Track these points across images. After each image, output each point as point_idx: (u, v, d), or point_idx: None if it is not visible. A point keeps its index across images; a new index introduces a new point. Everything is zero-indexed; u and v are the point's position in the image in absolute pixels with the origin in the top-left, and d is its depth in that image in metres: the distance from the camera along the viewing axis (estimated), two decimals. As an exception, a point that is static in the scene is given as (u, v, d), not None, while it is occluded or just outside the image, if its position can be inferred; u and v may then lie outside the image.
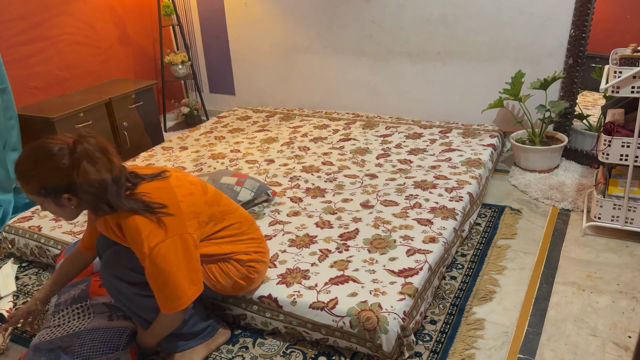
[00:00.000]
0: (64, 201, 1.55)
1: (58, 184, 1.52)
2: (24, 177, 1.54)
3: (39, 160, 1.52)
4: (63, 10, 3.51)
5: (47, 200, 1.55)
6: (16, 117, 3.05)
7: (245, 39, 4.08)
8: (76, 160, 1.50)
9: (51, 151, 1.52)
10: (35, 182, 1.53)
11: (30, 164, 1.53)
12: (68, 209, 1.58)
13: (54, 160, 1.51)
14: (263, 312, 1.89)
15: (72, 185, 1.51)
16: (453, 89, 3.48)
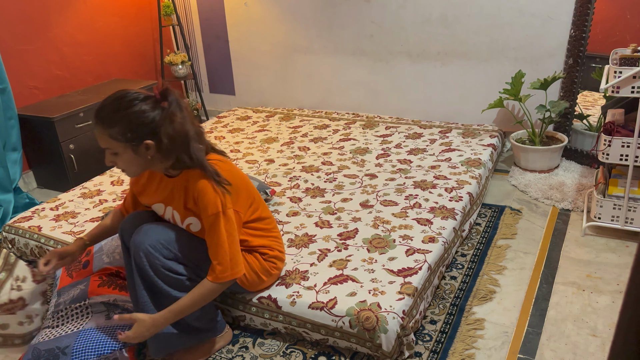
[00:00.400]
0: (142, 149, 1.58)
1: (144, 128, 1.55)
2: (109, 119, 1.55)
3: (129, 103, 1.56)
4: (63, 10, 3.51)
5: (125, 147, 1.57)
6: (16, 117, 3.05)
7: (245, 39, 4.08)
8: (166, 108, 1.57)
9: (139, 97, 1.57)
10: (123, 124, 1.54)
11: (119, 106, 1.56)
12: (141, 160, 1.61)
13: (143, 105, 1.56)
14: (262, 312, 1.89)
15: (155, 133, 1.56)
16: (453, 89, 3.48)
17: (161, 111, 1.57)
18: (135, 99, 1.56)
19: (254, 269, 1.81)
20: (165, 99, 1.58)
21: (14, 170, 3.07)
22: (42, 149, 3.28)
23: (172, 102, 1.58)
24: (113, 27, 3.89)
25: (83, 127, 3.30)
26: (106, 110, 1.57)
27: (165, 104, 1.58)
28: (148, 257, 1.66)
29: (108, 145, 1.59)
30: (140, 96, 1.58)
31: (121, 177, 2.97)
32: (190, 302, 1.66)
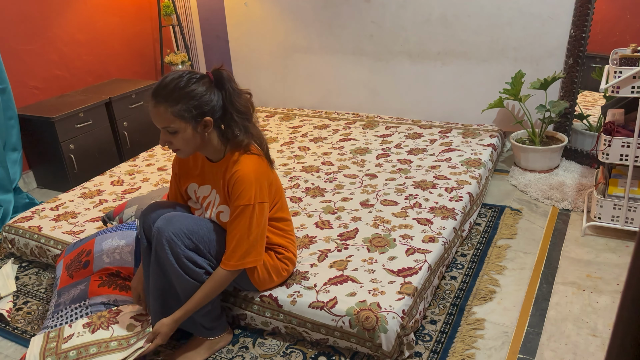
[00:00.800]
0: (201, 126, 1.63)
1: (206, 105, 1.61)
2: (174, 95, 1.59)
3: (192, 81, 1.61)
4: (63, 10, 3.51)
5: (186, 125, 1.61)
6: (16, 117, 3.05)
7: (245, 39, 4.08)
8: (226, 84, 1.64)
9: (197, 76, 1.63)
10: (188, 100, 1.59)
11: (183, 84, 1.60)
12: (198, 138, 1.65)
13: (202, 84, 1.62)
14: (263, 311, 1.89)
15: (214, 110, 1.64)
16: (453, 89, 3.48)
17: (217, 90, 1.64)
18: (192, 78, 1.62)
19: (267, 267, 1.83)
20: (219, 79, 1.65)
21: (14, 170, 3.07)
22: (42, 149, 3.28)
23: (228, 79, 1.65)
24: (113, 27, 3.89)
25: (83, 127, 3.30)
26: (168, 89, 1.59)
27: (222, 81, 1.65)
28: (170, 245, 1.66)
29: (169, 124, 1.61)
30: (196, 75, 1.63)
31: (121, 177, 2.97)
32: (204, 294, 1.70)
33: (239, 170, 1.66)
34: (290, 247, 1.91)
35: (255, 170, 1.68)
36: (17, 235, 2.50)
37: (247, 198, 1.65)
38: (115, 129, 3.54)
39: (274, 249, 1.85)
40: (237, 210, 1.66)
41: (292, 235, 1.93)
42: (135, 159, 3.24)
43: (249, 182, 1.65)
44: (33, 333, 2.05)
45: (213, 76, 1.65)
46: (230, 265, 1.68)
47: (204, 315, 1.79)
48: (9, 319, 2.14)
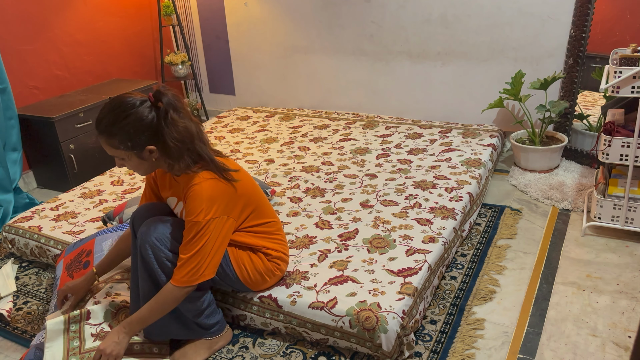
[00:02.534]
0: (145, 154, 1.62)
1: (143, 135, 1.58)
2: (108, 131, 1.59)
3: (124, 113, 1.58)
4: (63, 10, 3.51)
5: (129, 154, 1.61)
6: (16, 117, 3.05)
7: (245, 39, 4.08)
8: (162, 111, 1.58)
9: (135, 104, 1.59)
10: (121, 135, 1.58)
11: (115, 118, 1.58)
12: (147, 163, 1.65)
13: (139, 112, 1.58)
14: (263, 312, 1.89)
15: (156, 137, 1.59)
16: (453, 89, 3.48)
17: (157, 114, 1.59)
18: (131, 107, 1.58)
19: (258, 270, 1.82)
20: (159, 101, 1.59)
21: (14, 170, 3.07)
22: (42, 149, 3.28)
23: (167, 103, 1.59)
24: (113, 27, 3.89)
25: (83, 127, 3.30)
26: (104, 123, 1.59)
27: (160, 105, 1.59)
28: (154, 250, 1.67)
29: (113, 154, 1.64)
30: (136, 102, 1.59)
31: (121, 177, 2.97)
32: (150, 308, 1.66)
33: (192, 187, 1.63)
34: (278, 247, 1.89)
35: (209, 187, 1.63)
36: (17, 235, 2.50)
37: (196, 214, 1.61)
38: (115, 129, 3.54)
39: (261, 251, 1.84)
40: (188, 225, 1.63)
41: (278, 235, 1.90)
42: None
43: (200, 199, 1.61)
44: (33, 333, 2.05)
45: (154, 99, 1.60)
46: (178, 280, 1.63)
47: (202, 317, 1.79)
48: (9, 319, 2.15)
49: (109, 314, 1.84)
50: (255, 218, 1.80)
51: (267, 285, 1.89)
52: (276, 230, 1.90)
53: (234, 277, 1.80)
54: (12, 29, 3.22)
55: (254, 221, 1.81)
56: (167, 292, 1.65)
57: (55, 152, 3.20)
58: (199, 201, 1.61)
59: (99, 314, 1.82)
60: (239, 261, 1.79)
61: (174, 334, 1.81)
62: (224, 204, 1.66)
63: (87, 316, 1.80)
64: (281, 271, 1.91)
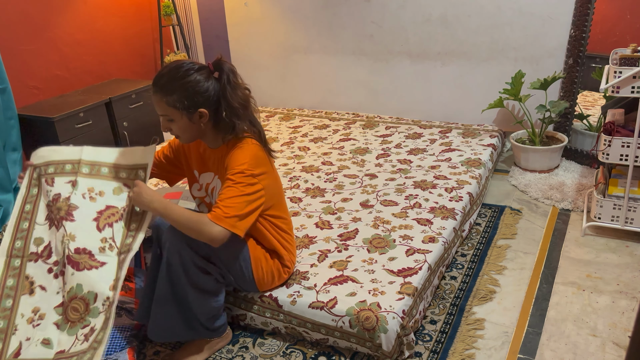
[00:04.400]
0: (196, 117, 1.65)
1: (200, 97, 1.62)
2: (168, 86, 1.61)
3: (187, 73, 1.62)
4: (63, 10, 3.51)
5: (181, 114, 1.63)
6: (16, 117, 3.05)
7: (245, 39, 4.08)
8: (225, 75, 1.64)
9: (195, 67, 1.64)
10: (180, 92, 1.61)
11: (177, 75, 1.62)
12: (195, 127, 1.67)
13: (199, 75, 1.63)
14: (263, 312, 1.89)
15: (210, 102, 1.64)
16: (453, 89, 3.48)
17: (215, 81, 1.65)
18: (191, 69, 1.63)
19: (272, 270, 1.84)
20: (218, 70, 1.65)
21: (14, 170, 3.06)
22: (42, 149, 3.27)
23: (226, 71, 1.65)
24: (113, 27, 3.89)
25: (83, 127, 3.30)
26: (164, 79, 1.63)
27: (217, 74, 1.65)
28: (181, 255, 1.65)
29: (165, 112, 1.65)
30: (195, 66, 1.64)
31: (121, 177, 2.97)
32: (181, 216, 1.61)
33: (240, 145, 1.68)
34: (291, 249, 1.91)
35: (258, 149, 1.69)
36: (17, 235, 2.49)
37: (241, 164, 1.63)
38: (115, 129, 3.54)
39: (277, 251, 1.85)
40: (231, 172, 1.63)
41: (291, 236, 1.93)
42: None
43: (246, 154, 1.65)
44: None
45: (213, 67, 1.66)
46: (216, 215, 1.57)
47: (208, 318, 1.79)
48: None
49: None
50: (277, 209, 1.82)
51: (274, 285, 1.90)
52: (290, 230, 1.92)
53: (250, 277, 1.80)
54: (12, 29, 3.22)
55: (276, 212, 1.82)
56: (203, 219, 1.58)
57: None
58: (245, 155, 1.64)
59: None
60: (257, 261, 1.79)
61: (180, 336, 1.80)
62: (263, 171, 1.68)
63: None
64: (289, 273, 1.92)
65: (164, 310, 1.74)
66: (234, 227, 1.59)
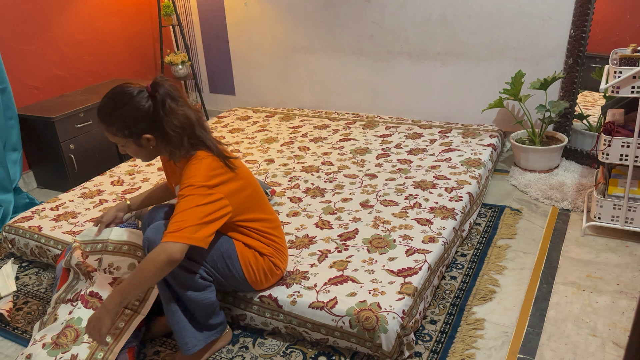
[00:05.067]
0: (143, 142, 1.66)
1: (140, 124, 1.63)
2: (108, 119, 1.64)
3: (122, 102, 1.63)
4: (63, 10, 3.51)
5: (128, 141, 1.67)
6: (16, 117, 3.05)
7: (245, 39, 4.08)
8: (160, 100, 1.62)
9: (132, 93, 1.63)
10: (119, 123, 1.63)
11: (113, 106, 1.63)
12: (147, 150, 1.69)
13: (136, 102, 1.62)
14: (263, 312, 1.89)
15: (154, 126, 1.63)
16: (453, 89, 3.48)
17: (154, 104, 1.63)
18: (129, 96, 1.62)
19: (263, 269, 1.83)
20: (156, 91, 1.63)
21: (14, 170, 3.07)
22: (42, 149, 3.28)
23: (164, 93, 1.62)
24: (113, 27, 3.89)
25: (83, 127, 3.30)
26: (104, 111, 1.66)
27: (157, 95, 1.62)
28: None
29: (114, 140, 1.69)
30: (134, 91, 1.63)
31: (121, 177, 2.97)
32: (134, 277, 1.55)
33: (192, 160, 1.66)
34: (280, 247, 1.89)
35: (209, 162, 1.65)
36: (17, 235, 2.50)
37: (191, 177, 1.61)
38: (115, 129, 3.54)
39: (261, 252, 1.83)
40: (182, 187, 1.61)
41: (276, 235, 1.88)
42: (135, 159, 3.24)
43: (197, 168, 1.63)
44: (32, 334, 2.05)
45: (151, 89, 1.63)
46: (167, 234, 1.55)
47: (212, 318, 1.79)
48: (9, 319, 2.15)
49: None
50: (254, 209, 1.79)
51: (269, 284, 1.90)
52: (274, 227, 1.89)
53: (241, 277, 1.80)
54: (12, 29, 3.22)
55: (254, 214, 1.79)
56: (151, 253, 1.54)
57: (55, 152, 3.20)
58: (196, 169, 1.63)
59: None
60: (245, 260, 1.79)
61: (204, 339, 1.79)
62: (221, 181, 1.65)
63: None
64: (282, 270, 1.91)
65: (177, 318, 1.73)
66: (189, 239, 1.55)
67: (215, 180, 1.64)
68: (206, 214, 1.60)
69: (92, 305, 1.84)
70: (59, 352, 1.73)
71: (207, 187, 1.62)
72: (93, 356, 1.74)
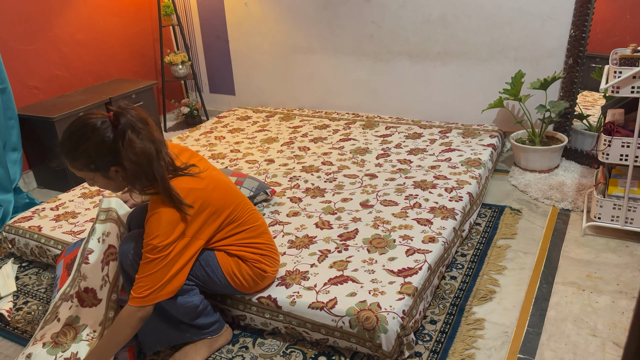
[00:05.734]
0: (112, 174, 1.60)
1: (105, 157, 1.55)
2: (71, 155, 1.57)
3: (85, 136, 1.54)
4: (63, 10, 3.51)
5: (96, 175, 1.60)
6: (16, 117, 3.05)
7: (245, 39, 4.08)
8: (120, 131, 1.53)
9: (95, 125, 1.54)
10: (84, 158, 1.56)
11: (76, 141, 1.55)
12: (117, 181, 1.63)
13: (99, 134, 1.54)
14: (262, 312, 1.89)
15: (119, 157, 1.55)
16: (453, 89, 3.48)
17: (114, 136, 1.54)
18: (92, 129, 1.54)
19: (248, 274, 1.80)
20: (118, 121, 1.54)
21: (14, 170, 3.07)
22: (42, 149, 3.28)
23: (124, 124, 1.53)
24: (113, 27, 3.90)
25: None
26: (66, 147, 1.57)
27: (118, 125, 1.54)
28: (133, 262, 1.68)
29: (80, 175, 1.62)
30: (97, 123, 1.54)
31: (121, 177, 2.97)
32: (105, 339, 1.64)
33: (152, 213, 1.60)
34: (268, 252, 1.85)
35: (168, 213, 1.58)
36: (17, 235, 2.50)
37: (153, 237, 1.57)
38: (115, 129, 3.54)
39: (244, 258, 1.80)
40: (145, 247, 1.59)
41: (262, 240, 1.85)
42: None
43: (157, 224, 1.57)
44: (33, 333, 2.05)
45: (114, 118, 1.55)
46: (132, 298, 1.59)
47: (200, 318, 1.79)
48: (9, 319, 2.15)
49: None
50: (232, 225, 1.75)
51: (260, 288, 1.88)
52: (258, 236, 1.83)
53: (223, 283, 1.78)
54: (12, 29, 3.22)
55: (233, 229, 1.76)
56: (122, 316, 1.61)
57: (56, 152, 3.20)
58: (156, 226, 1.57)
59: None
60: (227, 268, 1.76)
61: (174, 340, 1.81)
62: (183, 228, 1.60)
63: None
64: (274, 271, 1.88)
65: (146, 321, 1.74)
66: (158, 298, 1.60)
67: (177, 232, 1.59)
68: (172, 270, 1.60)
69: (88, 302, 1.83)
70: (58, 351, 1.74)
71: (170, 245, 1.58)
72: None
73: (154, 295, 1.59)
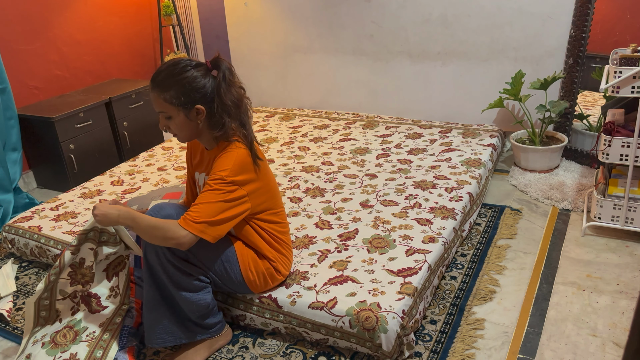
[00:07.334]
0: (193, 113, 1.65)
1: (197, 93, 1.63)
2: (164, 82, 1.62)
3: (185, 69, 1.63)
4: (63, 10, 3.51)
5: (178, 111, 1.64)
6: (16, 117, 3.06)
7: (245, 39, 4.08)
8: (221, 73, 1.64)
9: (192, 64, 1.65)
10: (176, 88, 1.61)
11: (175, 71, 1.62)
12: (192, 125, 1.67)
13: (198, 71, 1.64)
14: (262, 312, 1.89)
15: (207, 99, 1.64)
16: (453, 89, 3.48)
17: (212, 79, 1.65)
18: (188, 65, 1.64)
19: (263, 272, 1.83)
20: (216, 67, 1.65)
21: (14, 170, 3.07)
22: (42, 149, 3.28)
23: (224, 70, 1.65)
24: (113, 27, 3.90)
25: (83, 127, 3.30)
26: (161, 75, 1.64)
27: (216, 72, 1.65)
28: (158, 255, 1.67)
29: (162, 109, 1.65)
30: (193, 63, 1.65)
31: (121, 177, 2.97)
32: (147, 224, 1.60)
33: (227, 150, 1.68)
34: (287, 253, 1.90)
35: (244, 155, 1.67)
36: (17, 235, 2.50)
37: (222, 169, 1.62)
38: (115, 129, 3.54)
39: (268, 256, 1.83)
40: (211, 178, 1.63)
41: (286, 242, 1.90)
42: (135, 159, 3.24)
43: (230, 159, 1.64)
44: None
45: (211, 65, 1.67)
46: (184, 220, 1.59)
47: (198, 317, 1.79)
48: (9, 319, 2.15)
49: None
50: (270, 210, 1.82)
51: (268, 288, 1.89)
52: (283, 233, 1.89)
53: (239, 280, 1.80)
54: (12, 29, 3.22)
55: (269, 215, 1.81)
56: (170, 224, 1.59)
57: (55, 152, 3.20)
58: (229, 161, 1.64)
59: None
60: (245, 264, 1.79)
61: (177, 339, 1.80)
62: (248, 178, 1.68)
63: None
64: (284, 275, 1.91)
65: (154, 315, 1.75)
66: (202, 233, 1.60)
67: (243, 177, 1.66)
68: (226, 210, 1.63)
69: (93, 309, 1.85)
70: (57, 352, 1.74)
71: (234, 183, 1.63)
72: (92, 355, 1.74)
73: (202, 227, 1.59)
